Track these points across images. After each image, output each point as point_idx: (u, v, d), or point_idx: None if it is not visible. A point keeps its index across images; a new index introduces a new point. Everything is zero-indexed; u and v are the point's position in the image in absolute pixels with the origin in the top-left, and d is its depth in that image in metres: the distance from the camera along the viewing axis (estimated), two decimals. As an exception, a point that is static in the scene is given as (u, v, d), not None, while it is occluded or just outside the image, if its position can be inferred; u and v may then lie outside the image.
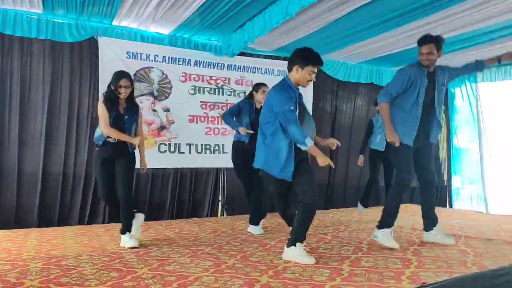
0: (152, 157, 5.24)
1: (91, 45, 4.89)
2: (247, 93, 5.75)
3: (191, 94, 5.47)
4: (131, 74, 4.98)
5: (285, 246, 3.03)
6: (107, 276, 2.53)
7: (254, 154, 3.14)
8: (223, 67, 5.69)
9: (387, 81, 7.10)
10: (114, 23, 4.92)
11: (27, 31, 4.51)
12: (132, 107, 3.61)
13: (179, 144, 5.36)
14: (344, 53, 6.10)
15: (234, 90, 5.77)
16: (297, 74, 3.04)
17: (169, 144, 5.32)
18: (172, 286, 2.34)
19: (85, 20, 4.78)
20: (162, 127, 5.28)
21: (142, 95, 5.15)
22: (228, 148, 5.68)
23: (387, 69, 7.07)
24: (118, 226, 3.65)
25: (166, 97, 5.32)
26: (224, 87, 5.69)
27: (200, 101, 5.50)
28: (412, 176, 3.50)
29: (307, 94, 6.24)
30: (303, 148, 2.89)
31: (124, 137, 3.46)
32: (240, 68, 5.82)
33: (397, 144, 3.31)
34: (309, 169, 3.01)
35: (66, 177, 4.78)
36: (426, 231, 3.62)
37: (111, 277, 2.50)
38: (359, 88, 6.93)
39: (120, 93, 3.48)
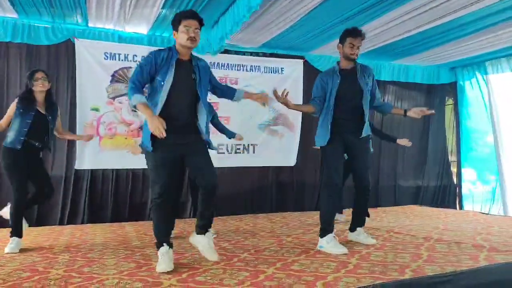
0: (132, 158, 5.36)
1: (68, 48, 5.03)
2: (231, 92, 5.80)
3: (172, 93, 5.52)
4: (109, 75, 5.22)
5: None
6: (126, 266, 2.75)
7: None
8: (206, 65, 5.70)
9: (388, 76, 6.94)
10: (90, 24, 5.04)
11: (3, 35, 4.71)
12: (52, 106, 3.66)
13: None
14: (333, 47, 5.88)
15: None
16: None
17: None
18: (182, 276, 2.48)
19: (61, 23, 4.93)
20: (141, 127, 5.36)
21: (121, 95, 5.23)
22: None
23: (387, 63, 6.85)
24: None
25: (146, 97, 5.38)
26: (207, 85, 5.70)
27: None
28: (339, 176, 3.34)
29: (298, 91, 6.18)
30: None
31: None
32: (223, 66, 5.81)
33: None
34: None
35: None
36: (351, 231, 3.59)
37: (128, 268, 2.71)
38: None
39: (38, 85, 3.48)
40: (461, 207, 7.20)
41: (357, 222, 3.57)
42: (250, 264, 2.82)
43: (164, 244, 2.70)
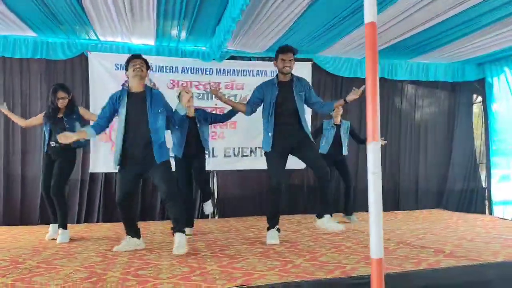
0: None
1: (82, 61, 5.56)
2: (237, 97, 6.07)
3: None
4: (119, 84, 5.67)
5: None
6: (179, 270, 2.74)
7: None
8: (212, 72, 5.99)
9: (405, 75, 6.80)
10: (102, 38, 5.53)
11: (25, 52, 5.33)
12: (71, 112, 4.15)
13: (169, 149, 5.77)
14: (342, 46, 5.96)
15: (224, 94, 5.99)
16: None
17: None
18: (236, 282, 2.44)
19: (75, 39, 5.47)
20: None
21: (131, 103, 5.69)
22: (218, 152, 6.05)
23: (403, 61, 6.72)
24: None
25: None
26: (213, 91, 5.99)
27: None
28: (279, 179, 3.72)
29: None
30: None
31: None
32: (230, 72, 6.07)
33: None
34: None
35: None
36: (318, 218, 3.84)
37: (181, 271, 2.69)
38: (368, 84, 6.70)
39: (58, 104, 4.05)
40: (490, 212, 6.87)
41: (325, 209, 3.82)
42: (280, 254, 3.21)
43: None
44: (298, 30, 5.33)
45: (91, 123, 4.03)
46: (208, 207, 4.61)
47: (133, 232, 3.58)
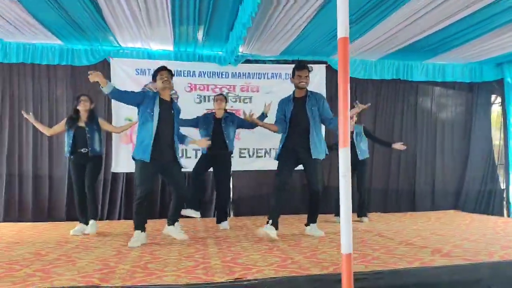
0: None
1: (104, 66, 5.87)
2: (252, 99, 6.27)
3: (196, 103, 6.11)
4: (140, 88, 5.97)
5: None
6: (184, 264, 2.92)
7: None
8: (228, 76, 6.21)
9: (421, 76, 6.81)
10: (123, 45, 5.84)
11: (52, 59, 5.69)
12: (91, 121, 4.55)
13: (186, 150, 6.04)
14: (356, 48, 6.01)
15: (240, 97, 6.25)
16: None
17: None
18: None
19: (98, 45, 5.80)
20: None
21: (151, 106, 5.97)
22: (233, 153, 6.21)
23: (419, 63, 6.74)
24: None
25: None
26: (229, 94, 6.20)
27: (206, 109, 6.06)
28: (283, 180, 4.11)
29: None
30: None
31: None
32: (245, 75, 6.27)
33: None
34: None
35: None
36: (306, 225, 4.36)
37: (186, 265, 2.87)
38: (382, 86, 6.78)
39: (79, 105, 4.47)
40: (508, 214, 6.81)
41: (310, 219, 4.34)
42: (284, 251, 3.37)
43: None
44: (310, 33, 5.46)
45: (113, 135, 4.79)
46: (224, 225, 4.92)
47: (143, 226, 3.85)
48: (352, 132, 5.49)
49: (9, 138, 5.73)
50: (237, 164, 6.18)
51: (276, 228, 4.00)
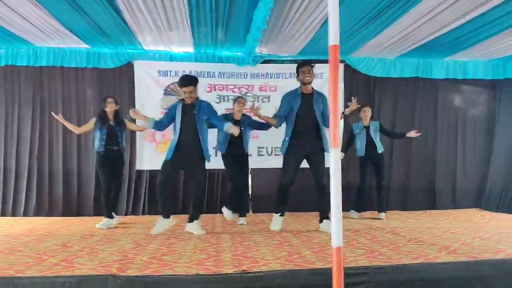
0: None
1: (129, 69, 6.14)
2: (271, 98, 6.40)
3: (216, 102, 6.27)
4: (162, 89, 6.20)
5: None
6: (197, 257, 3.09)
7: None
8: (247, 76, 6.36)
9: (442, 73, 6.74)
10: (145, 48, 6.07)
11: (79, 62, 5.99)
12: (118, 122, 5.01)
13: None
14: (374, 46, 6.03)
15: (258, 96, 6.38)
16: None
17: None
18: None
19: (122, 49, 6.06)
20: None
21: (172, 106, 6.20)
22: (252, 151, 6.37)
23: (439, 60, 6.69)
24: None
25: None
26: (248, 94, 6.35)
27: (225, 109, 6.23)
28: (289, 179, 4.41)
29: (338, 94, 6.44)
30: None
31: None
32: (263, 75, 6.40)
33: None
34: None
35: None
36: (319, 222, 4.46)
37: (199, 258, 3.05)
38: (401, 84, 6.77)
39: (107, 107, 4.90)
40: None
41: (323, 214, 4.44)
42: (293, 246, 3.50)
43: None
44: (327, 33, 5.50)
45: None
46: (242, 220, 5.15)
47: (166, 212, 4.35)
48: (368, 128, 5.60)
49: (40, 137, 6.07)
50: (256, 162, 6.33)
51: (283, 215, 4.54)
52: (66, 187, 6.07)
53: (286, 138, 4.42)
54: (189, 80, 4.39)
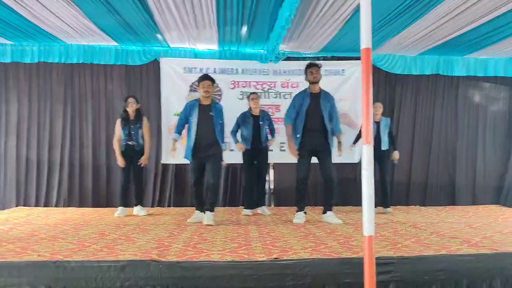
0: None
1: (155, 66, 6.35)
2: (292, 95, 6.52)
3: (239, 99, 6.46)
4: (187, 85, 6.39)
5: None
6: (229, 245, 3.30)
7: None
8: (269, 73, 6.51)
9: (462, 71, 6.79)
10: (171, 45, 6.28)
11: (108, 59, 6.22)
12: (138, 120, 5.30)
13: (229, 143, 6.41)
14: (395, 44, 6.13)
15: (280, 93, 6.54)
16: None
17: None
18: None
19: (149, 46, 6.27)
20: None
21: (197, 102, 6.40)
22: (274, 146, 6.52)
23: (460, 57, 6.73)
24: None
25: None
26: (270, 90, 6.51)
27: (248, 105, 6.43)
28: (303, 174, 4.70)
29: (358, 91, 6.55)
30: None
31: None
32: (285, 72, 6.54)
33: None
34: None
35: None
36: (323, 214, 4.75)
37: (231, 247, 3.25)
38: (422, 81, 6.84)
39: (128, 107, 5.19)
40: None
41: (327, 206, 4.76)
42: (318, 238, 3.67)
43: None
44: (349, 31, 5.64)
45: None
46: (264, 210, 5.50)
47: (201, 207, 4.70)
48: (378, 124, 5.70)
49: (71, 132, 6.34)
50: (278, 157, 6.49)
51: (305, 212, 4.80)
52: (95, 180, 6.34)
53: (298, 135, 4.69)
54: (207, 76, 4.66)
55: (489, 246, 3.26)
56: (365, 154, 1.99)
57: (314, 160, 4.82)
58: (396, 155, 5.81)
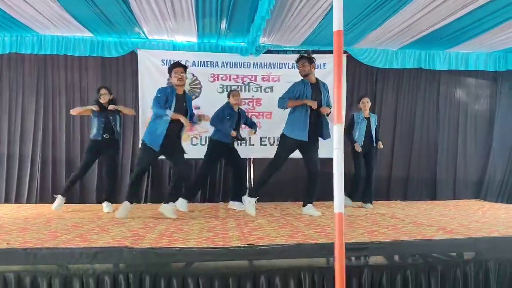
0: (185, 149, 6.50)
1: (132, 58, 6.37)
2: (273, 88, 6.63)
3: (219, 92, 6.51)
4: (166, 78, 6.37)
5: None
6: (206, 234, 3.38)
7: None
8: (249, 66, 6.58)
9: (444, 65, 6.98)
10: (149, 37, 6.30)
11: (83, 51, 6.21)
12: (113, 110, 5.29)
13: (201, 137, 6.47)
14: (376, 38, 6.25)
15: (261, 86, 6.62)
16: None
17: (200, 138, 6.47)
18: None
19: (126, 38, 6.28)
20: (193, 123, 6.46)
21: (176, 95, 6.43)
22: (254, 141, 6.63)
23: (441, 51, 6.92)
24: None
25: (197, 97, 6.47)
26: (251, 84, 6.59)
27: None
28: (282, 161, 4.91)
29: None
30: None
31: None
32: (266, 65, 6.62)
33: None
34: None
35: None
36: (303, 206, 4.91)
37: (207, 235, 3.33)
38: (403, 75, 7.01)
39: (100, 99, 5.23)
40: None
41: (308, 199, 4.89)
42: (296, 228, 3.76)
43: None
44: (329, 23, 5.70)
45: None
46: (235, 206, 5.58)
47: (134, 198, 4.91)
48: (368, 119, 5.80)
49: (43, 125, 6.30)
50: (258, 151, 6.58)
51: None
52: (69, 175, 6.26)
53: (306, 125, 4.73)
54: (179, 63, 4.71)
55: (463, 233, 3.39)
56: (335, 133, 2.08)
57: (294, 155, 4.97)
58: (380, 144, 5.94)
